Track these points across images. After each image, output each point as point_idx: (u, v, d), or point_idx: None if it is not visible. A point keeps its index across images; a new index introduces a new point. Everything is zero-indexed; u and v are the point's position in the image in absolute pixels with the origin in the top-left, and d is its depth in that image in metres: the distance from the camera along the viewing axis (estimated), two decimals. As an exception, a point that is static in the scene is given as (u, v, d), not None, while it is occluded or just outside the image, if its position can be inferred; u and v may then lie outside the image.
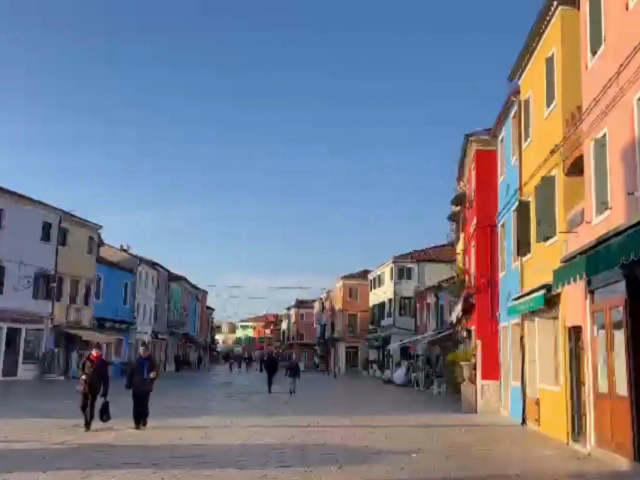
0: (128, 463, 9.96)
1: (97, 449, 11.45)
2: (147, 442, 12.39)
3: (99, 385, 13.89)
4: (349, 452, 11.69)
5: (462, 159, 25.12)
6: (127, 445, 11.97)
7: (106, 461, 10.13)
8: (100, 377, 13.92)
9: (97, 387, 13.86)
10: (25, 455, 10.65)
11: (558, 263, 14.23)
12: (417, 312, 50.85)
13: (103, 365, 14.51)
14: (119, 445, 12.00)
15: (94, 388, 13.81)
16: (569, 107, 14.33)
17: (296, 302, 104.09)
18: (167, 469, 9.54)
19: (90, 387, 13.75)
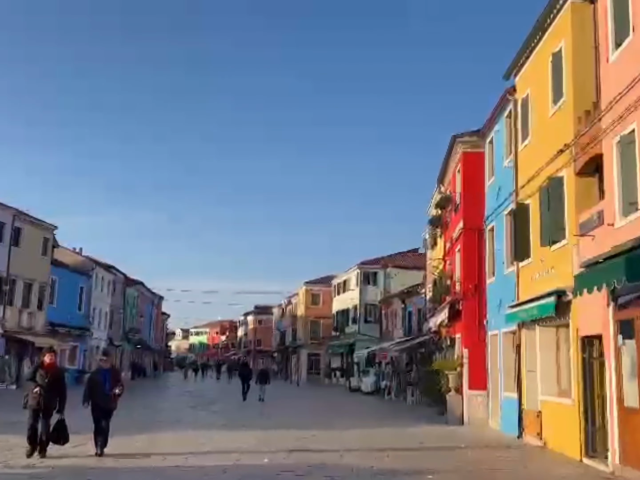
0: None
1: (78, 473, 10.05)
2: (138, 465, 11.02)
3: (54, 399, 11.22)
4: (359, 476, 10.57)
5: (446, 161, 24.35)
6: (112, 468, 10.60)
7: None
8: (56, 388, 11.28)
9: (52, 401, 11.20)
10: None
11: (568, 268, 13.54)
12: (383, 319, 50.10)
13: (59, 374, 11.75)
14: (102, 467, 10.61)
15: (48, 402, 11.14)
16: (580, 104, 13.63)
17: (254, 308, 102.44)
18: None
19: (44, 402, 11.06)
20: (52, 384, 11.19)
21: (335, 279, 61.18)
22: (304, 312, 65.62)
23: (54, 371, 11.55)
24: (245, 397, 30.23)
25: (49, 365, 11.48)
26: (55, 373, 11.55)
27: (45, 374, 11.25)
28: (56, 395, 11.24)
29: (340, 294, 58.39)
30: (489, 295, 20.48)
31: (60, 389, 11.36)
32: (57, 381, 11.39)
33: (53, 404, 11.22)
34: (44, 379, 11.16)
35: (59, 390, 11.31)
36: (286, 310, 79.94)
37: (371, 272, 52.57)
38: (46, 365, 11.46)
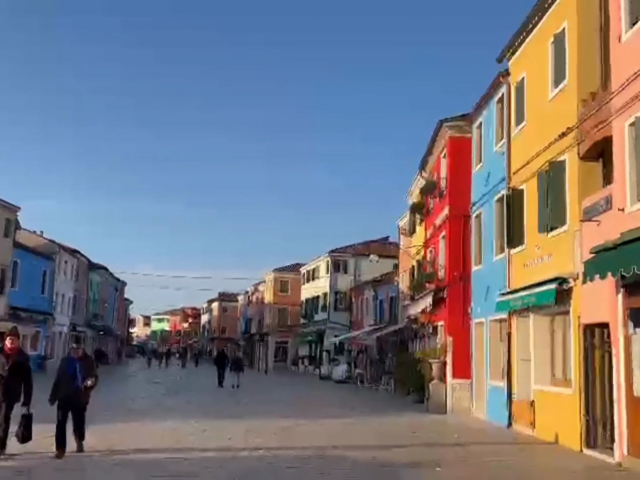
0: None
1: (61, 470, 9.29)
2: (131, 459, 10.29)
3: (17, 390, 9.75)
4: (363, 468, 10.06)
5: (430, 145, 23.91)
6: (101, 462, 9.85)
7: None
8: (19, 377, 9.75)
9: (14, 392, 9.73)
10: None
11: (568, 254, 13.22)
12: (353, 307, 49.79)
13: (23, 361, 10.04)
14: (92, 462, 9.85)
15: (10, 394, 9.71)
16: (584, 87, 13.26)
17: (219, 295, 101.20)
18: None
19: (5, 393, 9.64)
20: (14, 372, 9.65)
21: (304, 267, 60.61)
22: (271, 299, 64.93)
23: (17, 357, 9.87)
24: (222, 384, 30.81)
25: (10, 350, 9.85)
26: (19, 359, 9.88)
27: (6, 360, 9.70)
28: (19, 385, 9.72)
29: (309, 282, 57.87)
30: (475, 282, 20.16)
31: (25, 377, 9.78)
32: (21, 369, 9.78)
33: (15, 395, 9.74)
34: (4, 367, 9.64)
35: (23, 379, 9.75)
36: (252, 297, 79.11)
37: (341, 260, 52.13)
38: (7, 350, 9.85)
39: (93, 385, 10.35)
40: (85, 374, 10.25)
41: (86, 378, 10.22)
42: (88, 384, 10.24)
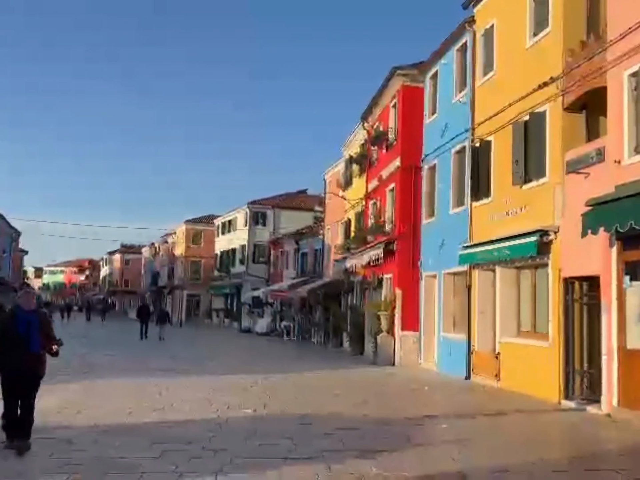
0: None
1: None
2: (108, 422, 9.20)
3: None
4: (368, 425, 9.56)
5: (378, 94, 23.21)
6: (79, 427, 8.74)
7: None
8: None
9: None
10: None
11: (547, 207, 13.10)
12: (272, 260, 49.10)
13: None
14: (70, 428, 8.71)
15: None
16: (571, 36, 12.96)
17: (121, 247, 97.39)
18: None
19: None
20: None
21: (219, 219, 59.01)
22: (183, 251, 63.03)
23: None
24: (146, 336, 31.13)
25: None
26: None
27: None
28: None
29: (225, 234, 56.45)
30: (426, 236, 19.96)
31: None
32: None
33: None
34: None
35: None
36: (160, 249, 76.62)
37: (260, 212, 51.06)
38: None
39: (56, 351, 7.51)
40: (44, 335, 7.44)
41: (47, 341, 7.44)
42: (54, 349, 7.43)
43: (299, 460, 7.19)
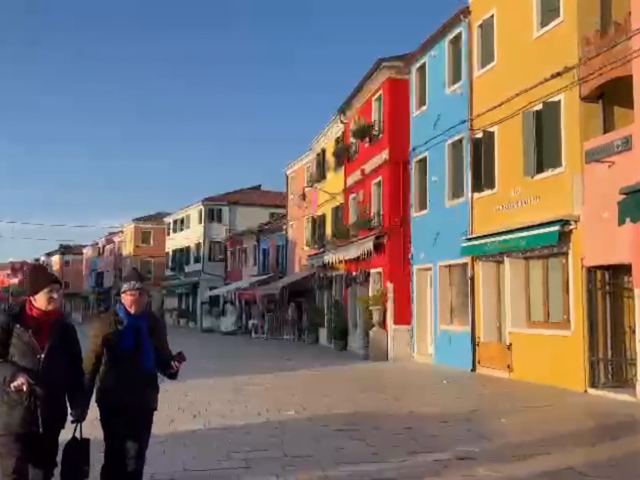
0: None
1: None
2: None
3: (62, 397, 4.33)
4: (416, 424, 9.27)
5: (359, 87, 22.91)
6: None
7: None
8: (65, 371, 4.30)
9: (58, 407, 4.26)
10: None
11: (565, 197, 13.12)
12: (229, 257, 48.25)
13: (68, 339, 4.41)
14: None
15: (50, 410, 4.17)
16: (585, 25, 13.00)
17: (60, 247, 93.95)
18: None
19: (41, 407, 4.11)
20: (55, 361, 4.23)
21: (170, 216, 57.59)
22: (132, 251, 61.24)
23: (60, 333, 4.35)
24: None
25: (49, 314, 4.28)
26: (62, 338, 4.34)
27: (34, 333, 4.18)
28: (65, 386, 4.35)
29: (177, 232, 55.13)
30: (417, 228, 19.83)
31: (76, 369, 4.45)
32: (67, 354, 4.37)
33: (60, 407, 4.32)
34: (34, 352, 4.15)
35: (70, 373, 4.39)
36: (105, 249, 74.32)
37: (216, 208, 50.08)
38: (36, 314, 4.24)
39: (178, 368, 4.82)
40: (160, 348, 4.81)
41: (160, 354, 4.78)
42: (176, 366, 4.78)
43: (406, 463, 6.82)
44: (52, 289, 4.19)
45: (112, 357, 4.61)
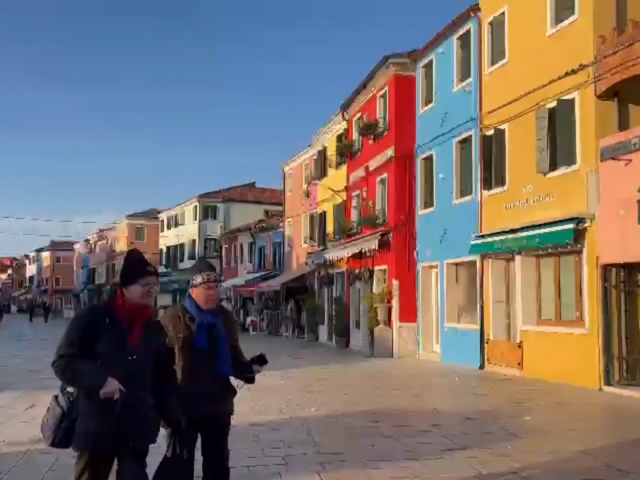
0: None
1: None
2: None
3: (152, 412, 3.59)
4: (441, 421, 9.23)
5: (363, 84, 22.82)
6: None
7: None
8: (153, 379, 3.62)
9: (149, 417, 3.55)
10: None
11: (579, 194, 13.10)
12: (224, 254, 48.03)
13: (157, 337, 3.70)
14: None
15: (142, 421, 3.48)
16: (601, 23, 12.99)
17: (50, 244, 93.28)
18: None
19: (133, 421, 3.41)
20: (147, 363, 3.56)
21: (164, 213, 57.27)
22: (125, 247, 60.73)
23: (150, 329, 3.64)
24: None
25: (142, 308, 3.57)
26: (152, 333, 3.65)
27: (126, 332, 3.50)
28: (155, 391, 3.67)
29: (171, 229, 54.83)
30: (423, 226, 19.79)
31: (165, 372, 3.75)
32: (162, 358, 3.72)
33: (152, 417, 3.59)
34: (125, 352, 3.45)
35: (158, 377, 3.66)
36: (96, 245, 73.84)
37: (211, 205, 49.84)
38: (135, 307, 3.54)
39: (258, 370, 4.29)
40: (234, 348, 4.30)
41: (237, 356, 4.33)
42: (257, 370, 4.28)
43: (442, 461, 6.77)
44: (150, 282, 3.58)
45: (183, 361, 4.06)
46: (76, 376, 3.36)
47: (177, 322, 4.16)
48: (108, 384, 3.26)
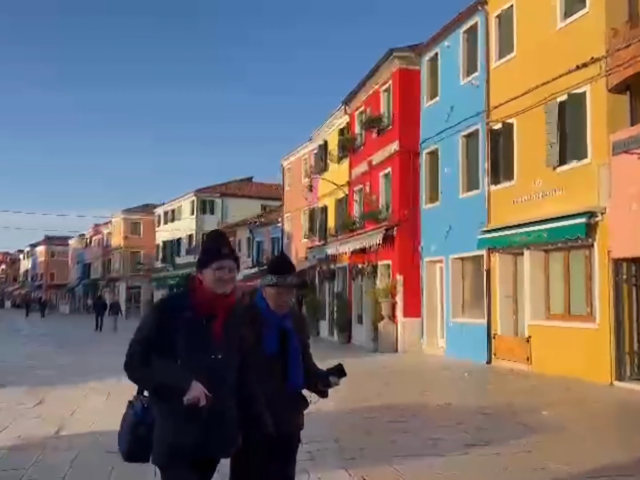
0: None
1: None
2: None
3: (234, 420, 3.06)
4: (460, 418, 9.15)
5: (367, 78, 22.67)
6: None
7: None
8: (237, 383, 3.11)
9: (232, 425, 3.02)
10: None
11: (590, 188, 13.02)
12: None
13: (240, 333, 3.14)
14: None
15: (227, 429, 3.00)
16: (613, 16, 12.90)
17: (45, 238, 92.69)
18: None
19: (216, 428, 2.92)
20: (232, 364, 3.05)
21: (160, 207, 56.98)
22: (121, 242, 60.54)
23: (236, 323, 3.10)
24: (101, 327, 32.77)
25: (223, 298, 2.99)
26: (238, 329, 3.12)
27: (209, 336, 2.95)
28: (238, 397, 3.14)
29: (168, 223, 54.57)
30: (427, 221, 19.71)
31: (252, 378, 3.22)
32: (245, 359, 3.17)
33: (234, 426, 3.06)
34: (208, 350, 2.94)
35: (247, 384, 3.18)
36: (92, 240, 73.47)
37: (208, 199, 49.63)
38: (214, 297, 2.97)
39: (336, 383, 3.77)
40: (306, 355, 3.72)
41: (309, 364, 3.75)
42: (334, 383, 3.76)
43: (467, 457, 6.68)
44: (222, 266, 2.94)
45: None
46: (152, 379, 2.83)
47: (245, 319, 3.31)
48: (193, 389, 2.73)
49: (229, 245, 3.04)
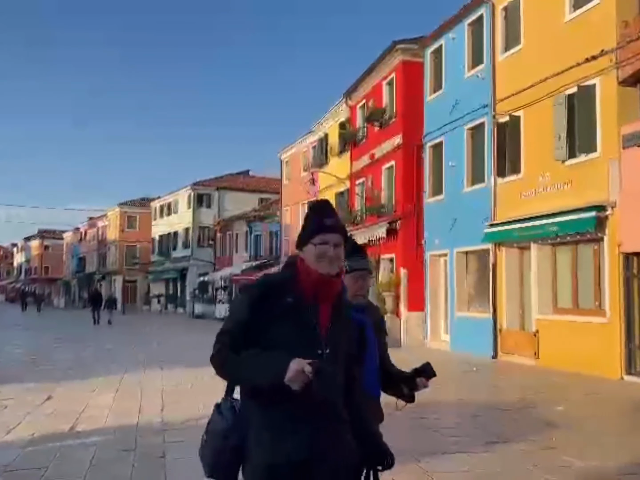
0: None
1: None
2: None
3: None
4: (478, 412, 9.07)
5: (369, 71, 22.52)
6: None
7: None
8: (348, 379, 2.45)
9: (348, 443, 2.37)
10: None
11: (600, 182, 12.94)
12: (218, 242, 47.67)
13: (350, 324, 2.49)
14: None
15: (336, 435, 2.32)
16: (624, 8, 12.79)
17: (38, 232, 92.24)
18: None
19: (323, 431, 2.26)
20: (339, 361, 2.39)
21: (156, 201, 56.71)
22: (117, 236, 60.25)
23: (345, 320, 2.44)
24: (99, 321, 32.51)
25: (331, 292, 2.38)
26: (350, 328, 2.49)
27: (316, 328, 2.32)
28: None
29: (164, 217, 54.32)
30: (431, 215, 19.61)
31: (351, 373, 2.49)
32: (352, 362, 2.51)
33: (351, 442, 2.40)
34: (314, 343, 2.30)
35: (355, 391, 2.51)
36: (87, 234, 73.11)
37: (205, 193, 49.38)
38: (320, 279, 2.32)
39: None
40: (383, 354, 3.22)
41: (386, 365, 3.23)
42: (422, 386, 3.15)
43: (490, 455, 6.60)
44: (326, 240, 2.33)
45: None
46: (245, 372, 2.25)
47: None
48: (291, 365, 2.11)
49: (336, 216, 2.43)
